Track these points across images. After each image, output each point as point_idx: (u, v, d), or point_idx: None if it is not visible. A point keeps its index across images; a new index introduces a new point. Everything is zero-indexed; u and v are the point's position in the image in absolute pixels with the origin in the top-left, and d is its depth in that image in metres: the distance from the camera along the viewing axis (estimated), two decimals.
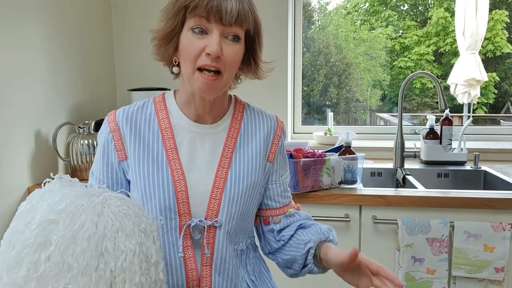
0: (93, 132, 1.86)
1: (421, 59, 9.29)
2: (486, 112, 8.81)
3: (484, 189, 1.97)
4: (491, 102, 8.69)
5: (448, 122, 2.10)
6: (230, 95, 1.04)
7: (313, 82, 9.16)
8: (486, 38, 2.50)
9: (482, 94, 3.86)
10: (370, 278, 0.86)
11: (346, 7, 10.22)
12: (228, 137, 0.97)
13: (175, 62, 0.93)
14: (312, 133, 2.44)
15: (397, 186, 1.98)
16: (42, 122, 1.77)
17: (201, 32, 0.86)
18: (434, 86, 4.04)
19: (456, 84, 2.46)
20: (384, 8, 9.98)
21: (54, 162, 1.86)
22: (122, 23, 2.34)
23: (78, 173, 1.84)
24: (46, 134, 1.80)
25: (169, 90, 1.04)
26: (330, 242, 0.98)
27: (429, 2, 9.91)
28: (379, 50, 9.86)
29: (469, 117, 2.70)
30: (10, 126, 1.60)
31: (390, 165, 2.06)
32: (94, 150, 1.82)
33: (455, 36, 2.47)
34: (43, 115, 1.78)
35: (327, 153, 1.73)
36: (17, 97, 1.62)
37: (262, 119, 1.02)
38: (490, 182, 1.95)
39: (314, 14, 9.89)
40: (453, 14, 5.59)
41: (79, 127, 1.85)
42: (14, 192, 1.63)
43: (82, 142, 1.81)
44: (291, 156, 1.58)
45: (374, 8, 10.02)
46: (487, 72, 2.45)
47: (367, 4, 10.08)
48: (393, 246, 1.61)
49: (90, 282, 0.65)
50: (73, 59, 1.98)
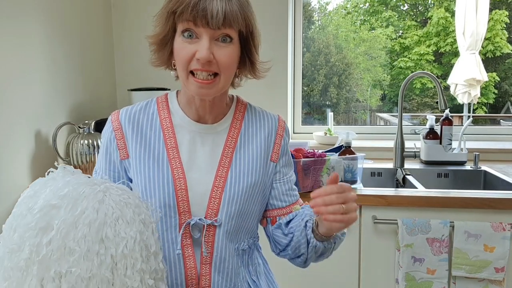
0: (93, 132, 1.86)
1: (421, 59, 9.28)
2: (486, 112, 8.81)
3: (484, 189, 1.97)
4: (491, 102, 8.69)
5: (448, 122, 2.10)
6: (232, 95, 1.04)
7: (313, 82, 9.16)
8: (486, 38, 2.50)
9: (482, 94, 3.86)
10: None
11: (346, 7, 10.22)
12: (228, 136, 0.97)
13: (174, 66, 0.94)
14: (312, 133, 2.44)
15: (397, 186, 1.98)
16: (42, 122, 1.77)
17: (190, 36, 0.86)
18: (434, 86, 4.04)
19: (456, 84, 2.46)
20: (384, 8, 9.98)
21: (54, 162, 1.86)
22: (122, 23, 2.34)
23: None
24: (46, 134, 1.80)
25: (169, 90, 1.05)
26: None
27: (429, 2, 9.91)
28: (379, 50, 9.86)
29: (469, 117, 2.70)
30: (10, 126, 1.59)
31: (390, 165, 2.06)
32: (94, 150, 1.82)
33: (455, 36, 2.47)
34: (43, 115, 1.78)
35: (327, 153, 1.73)
36: (17, 97, 1.62)
37: (263, 119, 1.02)
38: (490, 182, 1.95)
39: (314, 14, 9.90)
40: (453, 14, 5.59)
41: (79, 127, 1.85)
42: (14, 192, 1.63)
43: (82, 142, 1.81)
44: (291, 156, 1.58)
45: (374, 8, 10.01)
46: (487, 72, 2.45)
47: (367, 4, 10.07)
48: (393, 246, 1.61)
49: (92, 265, 0.67)
50: (73, 59, 1.98)
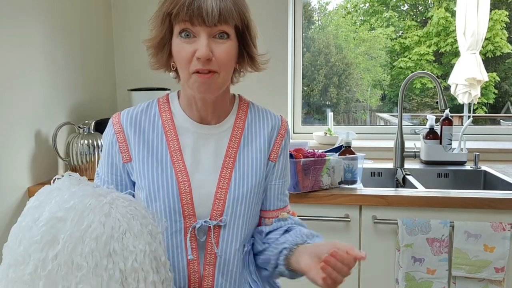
0: (93, 132, 1.86)
1: (421, 59, 9.28)
2: (486, 112, 8.81)
3: (484, 189, 1.97)
4: (491, 102, 8.70)
5: (448, 122, 2.10)
6: (234, 95, 1.03)
7: (313, 82, 9.16)
8: (486, 38, 2.50)
9: (482, 94, 3.86)
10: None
11: (346, 7, 10.22)
12: (232, 136, 0.97)
13: (173, 67, 0.94)
14: (312, 133, 2.44)
15: (397, 186, 1.98)
16: (42, 122, 1.77)
17: (188, 36, 0.86)
18: (434, 86, 4.04)
19: (456, 84, 2.46)
20: (384, 8, 9.98)
21: (54, 162, 1.86)
22: (122, 23, 2.34)
23: (78, 173, 1.83)
24: (46, 134, 1.80)
25: (169, 90, 1.04)
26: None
27: (429, 2, 9.91)
28: (379, 50, 9.86)
29: (469, 117, 2.69)
30: (10, 126, 1.59)
31: (390, 165, 2.06)
32: (94, 150, 1.82)
33: (456, 36, 2.47)
34: (43, 115, 1.78)
35: (327, 153, 1.73)
36: (17, 97, 1.62)
37: (266, 118, 1.01)
38: (490, 182, 1.95)
39: (314, 14, 9.90)
40: (453, 14, 5.59)
41: (79, 127, 1.85)
42: (14, 192, 1.63)
43: (82, 142, 1.81)
44: (291, 156, 1.58)
45: (374, 8, 10.01)
46: (487, 72, 2.45)
47: (367, 4, 10.07)
48: (393, 246, 1.61)
49: (102, 281, 0.65)
50: (73, 59, 1.98)
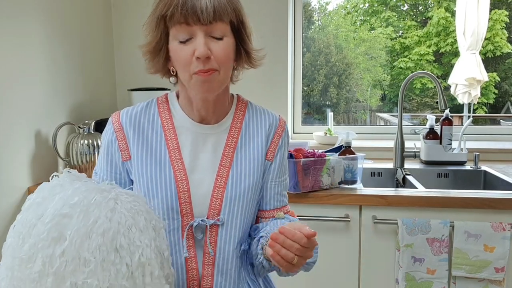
0: (93, 132, 1.86)
1: (421, 59, 9.28)
2: (486, 112, 8.81)
3: (484, 189, 1.97)
4: (491, 102, 8.69)
5: (448, 122, 2.10)
6: (233, 95, 1.03)
7: (313, 82, 9.16)
8: (486, 38, 2.50)
9: (482, 94, 3.86)
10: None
11: (346, 7, 10.21)
12: (229, 136, 0.97)
13: (173, 72, 0.93)
14: (312, 133, 2.44)
15: (397, 186, 1.98)
16: (42, 122, 1.77)
17: (186, 38, 0.86)
18: (434, 86, 4.04)
19: (456, 84, 2.46)
20: (384, 8, 9.98)
21: (54, 162, 1.86)
22: (122, 23, 2.34)
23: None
24: (46, 134, 1.80)
25: (169, 90, 1.04)
26: None
27: (429, 2, 9.91)
28: (379, 50, 9.86)
29: (469, 117, 2.69)
30: (10, 126, 1.59)
31: (390, 165, 2.06)
32: (94, 150, 1.82)
33: (456, 36, 2.47)
34: (43, 115, 1.78)
35: (327, 153, 1.73)
36: (17, 97, 1.62)
37: (264, 118, 1.01)
38: (490, 182, 1.95)
39: (314, 14, 9.90)
40: (453, 14, 5.58)
41: (79, 127, 1.85)
42: (14, 192, 1.63)
43: (82, 142, 1.81)
44: (291, 156, 1.58)
45: (374, 8, 10.01)
46: (487, 72, 2.45)
47: (367, 4, 10.07)
48: (393, 246, 1.60)
49: (109, 275, 0.66)
50: (73, 59, 1.98)
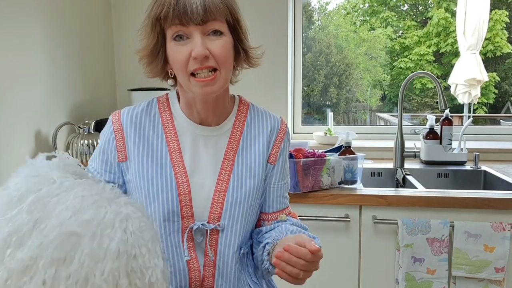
0: (93, 132, 1.86)
1: (421, 60, 9.28)
2: (486, 112, 8.80)
3: (484, 189, 1.97)
4: (491, 102, 8.69)
5: (448, 122, 2.10)
6: (234, 95, 1.02)
7: (313, 82, 9.16)
8: (486, 38, 2.50)
9: (482, 94, 3.86)
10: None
11: (346, 7, 10.21)
12: (230, 139, 0.96)
13: (171, 74, 0.93)
14: (312, 133, 2.44)
15: (397, 186, 1.98)
16: (42, 122, 1.77)
17: (181, 38, 0.85)
18: (434, 86, 4.04)
19: (456, 84, 2.46)
20: (384, 8, 9.98)
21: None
22: (122, 23, 2.34)
23: None
24: (46, 134, 1.80)
25: (169, 90, 1.04)
26: None
27: (429, 2, 9.90)
28: (379, 50, 9.85)
29: (469, 117, 2.69)
30: (10, 126, 1.59)
31: (390, 165, 2.06)
32: (94, 150, 1.82)
33: (456, 36, 2.47)
34: (43, 115, 1.78)
35: (327, 153, 1.73)
36: (17, 97, 1.62)
37: (265, 120, 1.00)
38: (490, 182, 1.95)
39: (314, 14, 9.89)
40: (453, 14, 5.57)
41: (79, 127, 1.85)
42: None
43: (82, 142, 1.81)
44: (291, 156, 1.58)
45: (373, 8, 10.00)
46: (487, 72, 2.45)
47: (366, 4, 10.07)
48: (393, 246, 1.60)
49: None
50: (73, 59, 1.98)
